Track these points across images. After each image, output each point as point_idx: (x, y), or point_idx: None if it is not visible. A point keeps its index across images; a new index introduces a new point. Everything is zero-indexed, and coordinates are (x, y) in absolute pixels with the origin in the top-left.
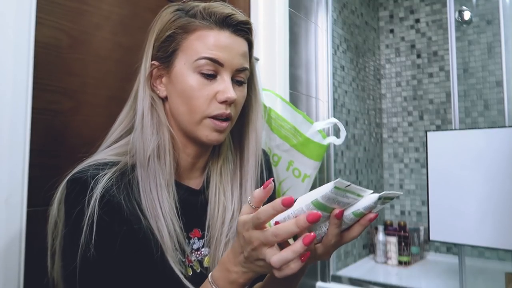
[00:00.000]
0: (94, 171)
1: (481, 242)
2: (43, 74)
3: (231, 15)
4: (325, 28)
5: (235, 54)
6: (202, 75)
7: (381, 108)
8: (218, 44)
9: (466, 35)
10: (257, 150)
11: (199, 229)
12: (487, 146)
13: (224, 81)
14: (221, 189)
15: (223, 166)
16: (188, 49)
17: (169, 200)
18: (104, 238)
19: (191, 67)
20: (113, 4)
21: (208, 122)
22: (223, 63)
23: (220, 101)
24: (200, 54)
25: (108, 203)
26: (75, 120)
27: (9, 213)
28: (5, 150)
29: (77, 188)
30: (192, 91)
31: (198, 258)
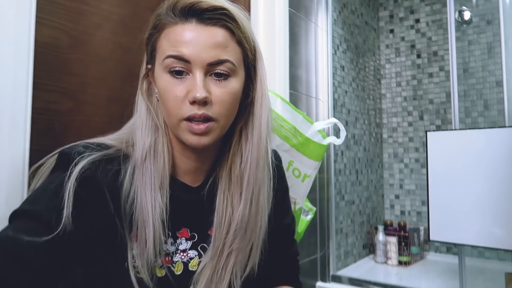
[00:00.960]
0: (82, 149)
1: (481, 242)
2: (43, 74)
3: (196, 3)
4: (325, 28)
5: (203, 47)
6: (171, 75)
7: (381, 108)
8: (181, 40)
9: (466, 35)
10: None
11: (187, 229)
12: (487, 146)
13: (193, 79)
14: (229, 197)
15: (232, 173)
16: (159, 49)
17: (161, 204)
18: (81, 213)
19: (162, 68)
20: (113, 4)
21: (184, 125)
22: (189, 59)
23: (190, 102)
24: (166, 53)
25: (88, 181)
26: (75, 120)
27: (9, 213)
28: (5, 150)
29: (62, 160)
30: (164, 92)
31: (183, 259)
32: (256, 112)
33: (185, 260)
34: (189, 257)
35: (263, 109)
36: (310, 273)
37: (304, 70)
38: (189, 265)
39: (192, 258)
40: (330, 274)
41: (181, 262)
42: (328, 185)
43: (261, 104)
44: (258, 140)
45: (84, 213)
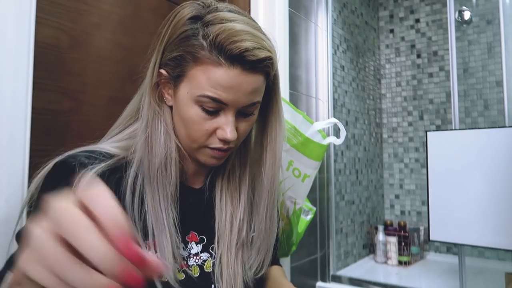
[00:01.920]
0: (85, 159)
1: (481, 242)
2: (43, 74)
3: (246, 52)
4: (325, 28)
5: (242, 94)
6: (203, 110)
7: (381, 108)
8: (224, 84)
9: (466, 35)
10: (273, 172)
11: (196, 233)
12: (487, 146)
13: (226, 119)
14: (228, 196)
15: (231, 172)
16: (193, 79)
17: (173, 211)
18: None
19: (193, 99)
20: (113, 4)
21: (207, 150)
22: (227, 103)
23: (219, 139)
24: (203, 91)
25: None
26: (75, 120)
27: (9, 213)
28: (5, 150)
29: (63, 172)
30: (191, 122)
31: (197, 262)
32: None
33: (200, 263)
34: (202, 259)
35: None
36: (310, 273)
37: (304, 70)
38: (204, 267)
39: (205, 260)
40: (330, 274)
41: (196, 265)
42: (328, 185)
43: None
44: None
45: None
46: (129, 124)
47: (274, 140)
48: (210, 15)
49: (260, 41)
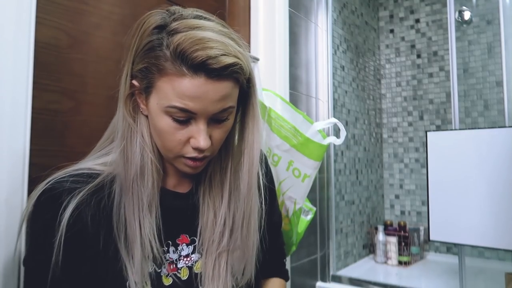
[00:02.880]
0: (71, 185)
1: (481, 242)
2: (43, 74)
3: (207, 60)
4: (325, 28)
5: (210, 102)
6: (174, 120)
7: (381, 108)
8: (189, 94)
9: (466, 35)
10: (251, 174)
11: (186, 235)
12: (487, 146)
13: (198, 128)
14: (211, 200)
15: (213, 176)
16: (160, 91)
17: (150, 220)
18: (70, 260)
19: (163, 110)
20: (113, 4)
21: (183, 160)
22: (195, 112)
23: (193, 147)
24: (170, 102)
25: (76, 224)
26: (75, 120)
27: (9, 213)
28: (5, 150)
29: (50, 204)
30: (164, 133)
31: (187, 264)
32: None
33: (190, 264)
34: (193, 260)
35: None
36: (310, 273)
37: (304, 70)
38: (193, 268)
39: (196, 261)
40: (330, 274)
41: (186, 267)
42: (328, 185)
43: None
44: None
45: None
46: (113, 137)
47: (251, 145)
48: (174, 23)
49: (225, 47)
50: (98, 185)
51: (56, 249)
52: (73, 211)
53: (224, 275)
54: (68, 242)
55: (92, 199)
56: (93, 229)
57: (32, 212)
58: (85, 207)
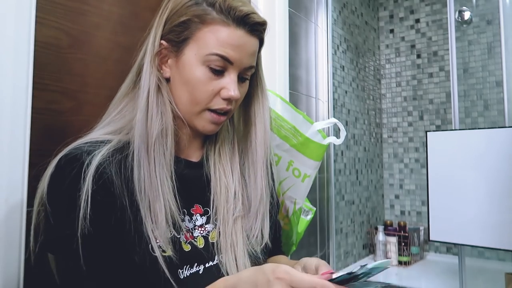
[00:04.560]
0: (89, 148)
1: (481, 242)
2: (43, 74)
3: (250, 14)
4: (325, 28)
5: (245, 54)
6: (210, 70)
7: (381, 108)
8: (232, 43)
9: (466, 35)
10: (265, 141)
11: (200, 205)
12: (487, 146)
13: (230, 79)
14: (221, 169)
15: (221, 147)
16: (200, 40)
17: (167, 180)
18: (98, 212)
19: (201, 60)
20: (113, 4)
21: (207, 114)
22: (233, 61)
23: (224, 98)
24: (212, 50)
25: (102, 178)
26: (75, 120)
27: (9, 213)
28: (5, 150)
29: (72, 164)
30: (197, 83)
31: (202, 234)
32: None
33: (204, 234)
34: (207, 230)
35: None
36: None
37: (304, 70)
38: (209, 238)
39: (210, 231)
40: None
41: (201, 236)
42: (328, 185)
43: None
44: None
45: (102, 212)
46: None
47: (261, 115)
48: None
49: (253, 8)
50: (116, 146)
51: (84, 203)
52: (97, 167)
53: (242, 242)
54: (95, 196)
55: (113, 158)
56: (118, 185)
57: (54, 176)
58: (108, 165)
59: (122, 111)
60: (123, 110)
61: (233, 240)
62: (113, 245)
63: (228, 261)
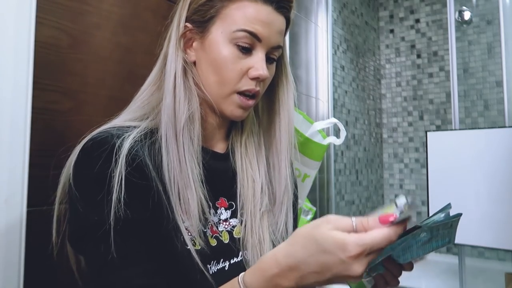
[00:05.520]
0: (117, 132)
1: (481, 242)
2: (43, 74)
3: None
4: (325, 28)
5: (274, 31)
6: (238, 48)
7: (381, 108)
8: (260, 19)
9: (466, 35)
10: (289, 130)
11: (225, 199)
12: (487, 146)
13: (258, 57)
14: (247, 162)
15: (247, 140)
16: (227, 18)
17: (197, 167)
18: (134, 195)
19: (228, 38)
20: (113, 4)
21: (236, 98)
22: (261, 38)
23: (252, 77)
24: (240, 26)
25: (135, 160)
26: (75, 120)
27: (9, 213)
28: (5, 150)
29: (102, 146)
30: (225, 63)
31: (226, 228)
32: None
33: (229, 229)
34: (231, 225)
35: (289, 88)
36: None
37: (304, 70)
38: (233, 233)
39: (235, 226)
40: None
41: (225, 231)
42: (328, 185)
43: (286, 83)
44: (281, 117)
45: (138, 195)
46: (149, 91)
47: (286, 105)
48: None
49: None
50: (144, 131)
51: (117, 186)
52: (130, 149)
53: (268, 238)
54: (130, 178)
55: (143, 142)
56: (152, 169)
57: (81, 160)
58: (140, 148)
59: (148, 99)
60: (149, 98)
61: (260, 236)
62: (150, 231)
63: (253, 258)
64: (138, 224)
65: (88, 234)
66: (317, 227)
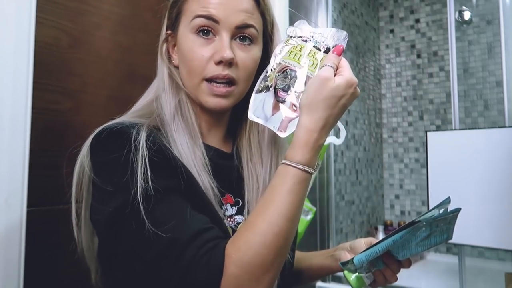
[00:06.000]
0: (131, 123)
1: (481, 242)
2: (43, 74)
3: None
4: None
5: (232, 10)
6: (198, 35)
7: (381, 108)
8: (211, 1)
9: (466, 35)
10: None
11: (231, 195)
12: (487, 146)
13: (221, 40)
14: (253, 160)
15: (252, 141)
16: (187, 11)
17: (201, 158)
18: (161, 173)
19: (189, 28)
20: (113, 4)
21: (205, 86)
22: (218, 19)
23: (216, 62)
24: (194, 13)
25: (155, 144)
26: (75, 120)
27: (9, 213)
28: (5, 150)
29: (118, 134)
30: (189, 52)
31: (231, 225)
32: None
33: (233, 226)
34: (236, 222)
35: None
36: None
37: None
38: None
39: (239, 223)
40: (330, 274)
41: (230, 227)
42: (328, 185)
43: None
44: None
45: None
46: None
47: None
48: None
49: None
50: (150, 124)
51: (142, 168)
52: (147, 136)
53: None
54: (153, 158)
55: (156, 132)
56: (170, 154)
57: (98, 148)
58: (155, 135)
59: (147, 101)
60: (149, 100)
61: None
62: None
63: None
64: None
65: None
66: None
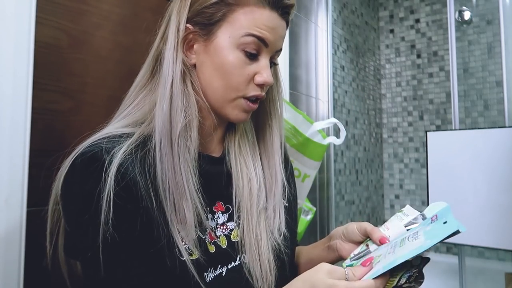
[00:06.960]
0: (107, 145)
1: (481, 242)
2: (43, 74)
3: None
4: (325, 28)
5: (278, 37)
6: (245, 54)
7: (381, 108)
8: (267, 24)
9: (466, 35)
10: (280, 128)
11: (222, 202)
12: (487, 146)
13: (264, 63)
14: (242, 160)
15: (241, 139)
16: (235, 22)
17: (192, 176)
18: (122, 217)
19: (236, 43)
20: (113, 4)
21: (242, 102)
22: (268, 44)
23: (258, 83)
24: (249, 30)
25: (124, 179)
26: (75, 120)
27: (9, 213)
28: (5, 150)
29: (90, 163)
30: (232, 68)
31: (224, 233)
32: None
33: (226, 233)
34: (229, 229)
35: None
36: None
37: (304, 70)
38: (231, 237)
39: (232, 229)
40: None
41: (223, 235)
42: (328, 185)
43: (277, 83)
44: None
45: (126, 217)
46: (140, 95)
47: (276, 99)
48: None
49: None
50: (137, 140)
51: (106, 207)
52: (119, 167)
53: (265, 237)
54: (117, 199)
55: (135, 155)
56: (142, 185)
57: (69, 178)
58: (131, 163)
59: (140, 103)
60: (141, 102)
61: (257, 235)
62: (139, 251)
63: (251, 259)
64: (128, 245)
65: (77, 254)
66: (314, 272)
